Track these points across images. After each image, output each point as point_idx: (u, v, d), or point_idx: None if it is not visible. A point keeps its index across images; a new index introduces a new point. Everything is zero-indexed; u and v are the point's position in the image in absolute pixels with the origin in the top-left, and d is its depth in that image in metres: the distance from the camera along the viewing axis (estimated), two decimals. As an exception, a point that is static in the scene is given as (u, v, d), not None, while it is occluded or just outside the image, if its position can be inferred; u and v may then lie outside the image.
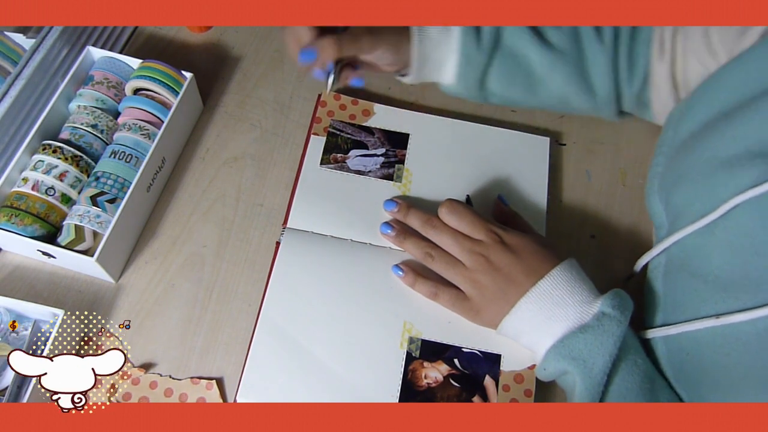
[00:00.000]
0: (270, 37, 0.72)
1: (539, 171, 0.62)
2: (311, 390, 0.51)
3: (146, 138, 0.58)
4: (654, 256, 0.53)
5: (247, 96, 0.68)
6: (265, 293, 0.55)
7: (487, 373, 0.52)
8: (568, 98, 0.60)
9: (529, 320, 0.49)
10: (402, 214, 0.57)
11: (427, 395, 0.51)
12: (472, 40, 0.56)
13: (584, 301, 0.48)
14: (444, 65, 0.58)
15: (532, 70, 0.58)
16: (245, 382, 0.51)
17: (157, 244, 0.59)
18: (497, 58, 0.58)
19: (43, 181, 0.54)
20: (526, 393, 0.52)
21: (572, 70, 0.58)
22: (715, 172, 0.46)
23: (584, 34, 0.58)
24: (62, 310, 0.50)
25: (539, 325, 0.49)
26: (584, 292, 0.49)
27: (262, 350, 0.52)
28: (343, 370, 0.52)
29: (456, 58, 0.57)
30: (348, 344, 0.53)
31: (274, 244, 0.58)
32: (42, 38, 0.61)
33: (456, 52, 0.57)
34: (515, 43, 0.58)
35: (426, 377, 0.52)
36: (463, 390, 0.52)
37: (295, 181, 0.61)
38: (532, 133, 0.65)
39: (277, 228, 0.60)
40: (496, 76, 0.59)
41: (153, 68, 0.60)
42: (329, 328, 0.53)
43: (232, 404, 0.51)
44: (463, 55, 0.57)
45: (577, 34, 0.58)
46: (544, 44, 0.57)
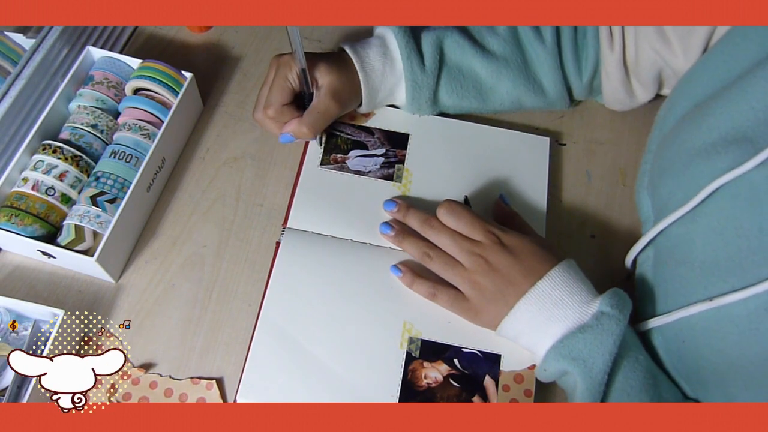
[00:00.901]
0: (270, 37, 0.72)
1: (539, 171, 0.62)
2: (311, 390, 0.51)
3: (146, 138, 0.58)
4: (641, 249, 0.54)
5: (247, 96, 0.68)
6: (265, 293, 0.55)
7: (487, 373, 0.52)
8: (520, 100, 0.62)
9: (528, 321, 0.49)
10: (401, 214, 0.57)
11: (427, 395, 0.51)
12: (416, 64, 0.59)
13: (583, 301, 0.48)
14: (394, 93, 0.62)
15: (480, 80, 0.61)
16: (245, 382, 0.51)
17: (157, 244, 0.59)
18: (444, 77, 0.60)
19: (43, 181, 0.54)
20: (526, 393, 0.52)
21: (518, 74, 0.60)
22: (694, 161, 0.47)
23: (524, 36, 0.60)
24: (62, 310, 0.50)
25: (538, 326, 0.49)
26: (583, 292, 0.49)
27: (262, 350, 0.52)
28: (343, 370, 0.52)
29: (403, 84, 0.60)
30: (348, 344, 0.53)
31: (274, 244, 0.58)
32: (42, 38, 0.61)
33: (402, 80, 0.60)
34: (458, 58, 0.60)
35: (426, 377, 0.52)
36: (463, 390, 0.52)
37: (295, 181, 0.61)
38: (532, 133, 0.65)
39: (277, 228, 0.60)
40: (446, 91, 0.61)
41: (153, 68, 0.60)
42: (329, 328, 0.53)
43: (232, 404, 0.51)
44: (410, 81, 0.59)
45: (517, 38, 0.61)
46: (486, 54, 0.60)
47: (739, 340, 0.42)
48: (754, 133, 0.43)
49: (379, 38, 0.60)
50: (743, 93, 0.45)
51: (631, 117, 0.68)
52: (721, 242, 0.44)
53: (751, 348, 0.41)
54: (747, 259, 0.42)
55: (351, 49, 0.58)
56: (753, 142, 0.43)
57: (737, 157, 0.43)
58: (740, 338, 0.42)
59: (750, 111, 0.44)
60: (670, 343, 0.48)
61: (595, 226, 0.62)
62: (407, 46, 0.58)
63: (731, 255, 0.43)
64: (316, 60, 0.57)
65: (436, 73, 0.59)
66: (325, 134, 0.63)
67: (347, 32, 0.73)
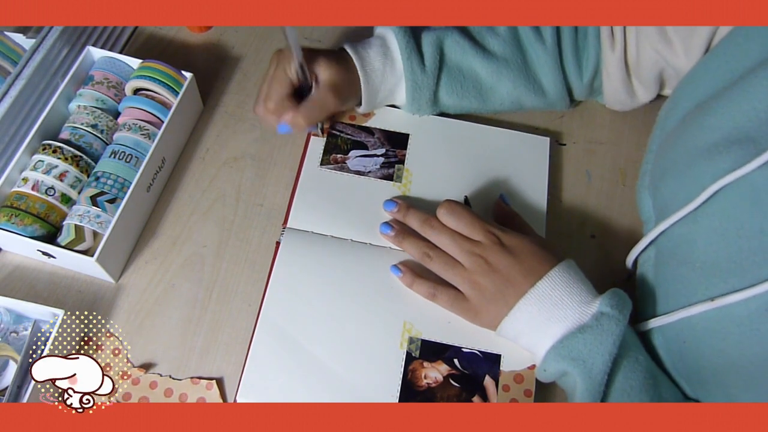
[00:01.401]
0: (270, 37, 0.72)
1: (539, 171, 0.62)
2: (311, 390, 0.51)
3: (146, 138, 0.58)
4: (642, 249, 0.54)
5: (247, 96, 0.68)
6: (265, 293, 0.55)
7: (487, 373, 0.52)
8: (520, 100, 0.63)
9: (528, 321, 0.49)
10: (401, 214, 0.57)
11: (427, 395, 0.51)
12: (416, 64, 0.59)
13: (583, 302, 0.48)
14: (394, 93, 0.62)
15: (480, 80, 0.61)
16: (245, 382, 0.51)
17: (157, 244, 0.59)
18: (444, 77, 0.60)
19: (43, 181, 0.54)
20: (526, 393, 0.52)
21: (518, 74, 0.60)
22: (697, 161, 0.47)
23: (524, 37, 0.61)
24: (62, 310, 0.50)
25: (538, 326, 0.49)
26: (582, 292, 0.49)
27: (262, 350, 0.52)
28: (343, 369, 0.52)
29: (403, 84, 0.60)
30: (348, 344, 0.53)
31: (274, 244, 0.58)
32: (42, 38, 0.61)
33: (402, 80, 0.60)
34: (458, 58, 0.60)
35: (426, 377, 0.52)
36: (463, 390, 0.52)
37: (295, 181, 0.61)
38: (532, 133, 0.65)
39: (277, 228, 0.60)
40: (446, 91, 0.61)
41: (153, 68, 0.60)
42: (329, 328, 0.53)
43: (232, 404, 0.51)
44: (410, 81, 0.59)
45: (517, 38, 0.61)
46: (487, 54, 0.60)
47: (740, 340, 0.42)
48: (757, 134, 0.43)
49: (380, 38, 0.60)
50: (745, 93, 0.45)
51: (631, 117, 0.68)
52: (723, 243, 0.44)
53: (751, 348, 0.41)
54: (748, 260, 0.42)
55: (351, 49, 0.58)
56: (755, 142, 0.43)
57: (739, 158, 0.43)
58: (741, 338, 0.42)
59: (752, 111, 0.44)
60: (671, 342, 0.48)
61: (595, 226, 0.62)
62: (407, 46, 0.58)
63: (732, 255, 0.43)
64: (316, 55, 0.57)
65: (436, 73, 0.60)
66: (327, 122, 0.64)
67: (347, 32, 0.73)
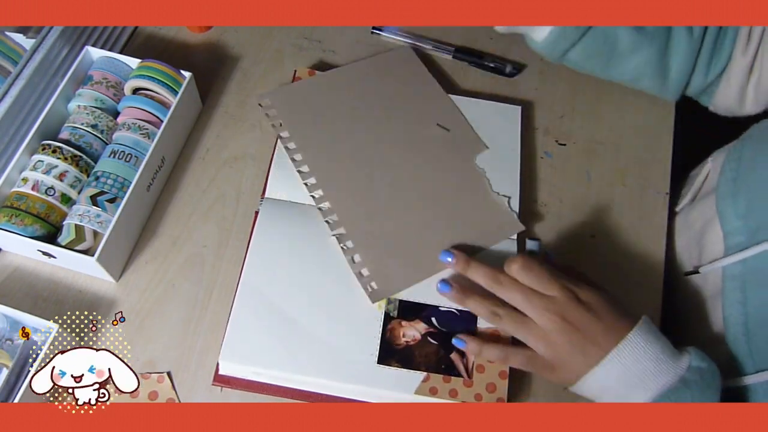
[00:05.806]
0: (270, 37, 0.72)
1: (512, 139, 0.64)
2: (291, 352, 0.51)
3: (146, 137, 0.58)
4: (731, 263, 0.53)
5: (247, 96, 0.68)
6: (245, 260, 0.55)
7: (465, 330, 0.53)
8: (640, 78, 0.62)
9: (618, 378, 0.47)
10: (461, 267, 0.53)
11: (405, 353, 0.52)
12: None
13: (673, 355, 0.47)
14: (540, 28, 0.61)
15: (617, 47, 0.60)
16: (226, 345, 0.51)
17: (157, 244, 0.59)
18: (588, 36, 0.60)
19: (43, 181, 0.54)
20: (500, 375, 0.52)
21: (655, 52, 0.60)
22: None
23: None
24: (57, 325, 0.49)
25: (631, 382, 0.46)
26: (667, 347, 0.47)
27: (242, 314, 0.53)
28: (322, 331, 0.52)
29: (552, 28, 0.60)
30: (327, 306, 0.54)
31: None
32: (42, 38, 0.61)
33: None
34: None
35: (404, 335, 0.53)
36: (440, 347, 0.52)
37: (272, 154, 0.62)
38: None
39: (277, 228, 0.60)
40: (581, 48, 0.61)
41: (152, 68, 0.60)
42: (308, 292, 0.54)
43: (229, 404, 0.51)
44: (559, 28, 0.59)
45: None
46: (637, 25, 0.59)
47: None
48: None
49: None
50: None
51: (630, 117, 0.68)
52: None
53: None
54: None
55: None
56: None
57: None
58: None
59: None
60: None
61: (595, 226, 0.62)
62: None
63: None
64: None
65: (584, 30, 0.59)
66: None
67: (347, 32, 0.72)
